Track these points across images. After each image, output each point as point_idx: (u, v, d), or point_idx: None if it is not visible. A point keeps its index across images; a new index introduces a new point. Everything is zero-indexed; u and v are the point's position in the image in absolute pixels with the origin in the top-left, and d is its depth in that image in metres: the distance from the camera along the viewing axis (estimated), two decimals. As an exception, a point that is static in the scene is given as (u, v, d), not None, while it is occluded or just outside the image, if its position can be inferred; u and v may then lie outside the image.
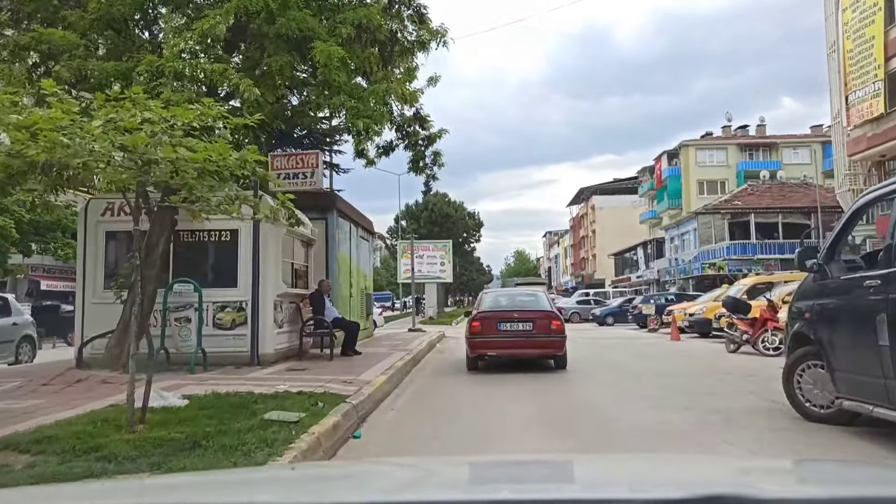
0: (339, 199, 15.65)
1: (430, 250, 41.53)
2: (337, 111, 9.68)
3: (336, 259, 14.79)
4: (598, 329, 29.33)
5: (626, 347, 17.05)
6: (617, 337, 22.36)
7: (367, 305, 19.47)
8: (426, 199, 49.79)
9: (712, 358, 13.90)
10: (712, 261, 39.73)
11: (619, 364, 13.00)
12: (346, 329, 12.11)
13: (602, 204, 75.43)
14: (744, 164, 55.30)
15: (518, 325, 11.49)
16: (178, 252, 10.44)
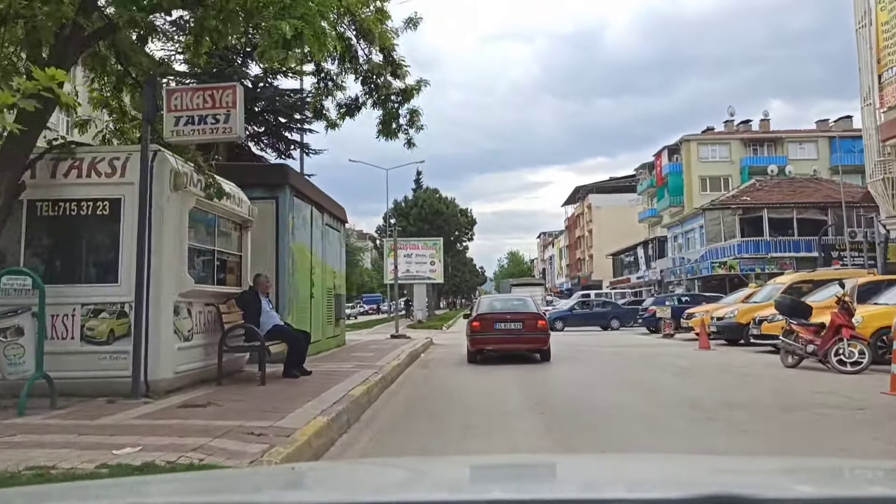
0: (294, 174, 12.32)
1: (419, 249, 38.22)
2: (256, 17, 6.31)
3: (289, 250, 11.46)
4: (608, 334, 26.06)
5: (654, 361, 13.75)
6: (634, 345, 19.07)
7: (338, 309, 16.13)
8: (416, 195, 46.36)
9: (772, 377, 10.60)
10: (722, 259, 36.53)
11: (665, 389, 9.67)
12: (288, 341, 8.76)
13: (599, 203, 72.27)
14: (748, 159, 52.22)
15: (511, 324, 13.55)
16: (31, 231, 7.11)
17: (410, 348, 15.95)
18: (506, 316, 13.78)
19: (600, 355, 15.34)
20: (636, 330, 28.47)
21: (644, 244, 54.46)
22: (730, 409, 7.37)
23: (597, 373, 11.58)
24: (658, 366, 12.68)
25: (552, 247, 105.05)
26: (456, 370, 12.84)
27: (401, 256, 38.39)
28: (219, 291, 8.54)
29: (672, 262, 45.61)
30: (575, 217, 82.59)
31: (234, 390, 7.74)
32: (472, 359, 13.73)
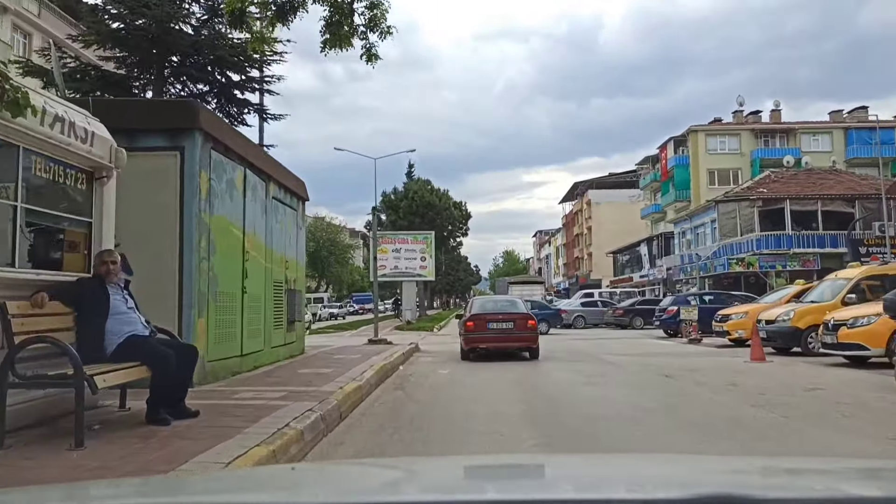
0: (208, 115, 8.65)
1: (407, 243, 34.59)
2: None
3: (199, 223, 7.89)
4: (622, 338, 22.53)
5: (705, 379, 10.19)
6: (663, 354, 15.52)
7: (291, 309, 12.59)
8: (406, 186, 42.69)
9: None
10: (739, 255, 33.06)
11: (771, 436, 6.13)
12: (151, 362, 5.14)
13: (599, 199, 68.79)
14: (759, 151, 48.84)
15: (503, 324, 14.17)
16: None
17: (386, 359, 12.43)
18: (498, 316, 14.41)
19: (635, 370, 11.81)
20: (651, 333, 24.97)
21: (648, 241, 51.01)
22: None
23: (647, 400, 8.03)
24: (716, 387, 9.14)
25: (549, 245, 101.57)
26: (442, 392, 9.29)
27: (388, 252, 34.84)
28: (21, 279, 4.93)
29: (680, 259, 42.16)
30: (573, 214, 79.11)
31: (15, 462, 4.15)
32: (466, 356, 14.35)
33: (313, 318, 47.66)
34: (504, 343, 14.15)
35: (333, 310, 55.59)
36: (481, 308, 15.24)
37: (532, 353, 14.13)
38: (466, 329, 14.38)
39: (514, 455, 4.33)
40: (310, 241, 71.22)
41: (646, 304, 30.09)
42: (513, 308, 15.04)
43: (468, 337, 14.28)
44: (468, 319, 14.49)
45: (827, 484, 1.56)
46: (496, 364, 13.06)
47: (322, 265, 68.23)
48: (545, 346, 15.79)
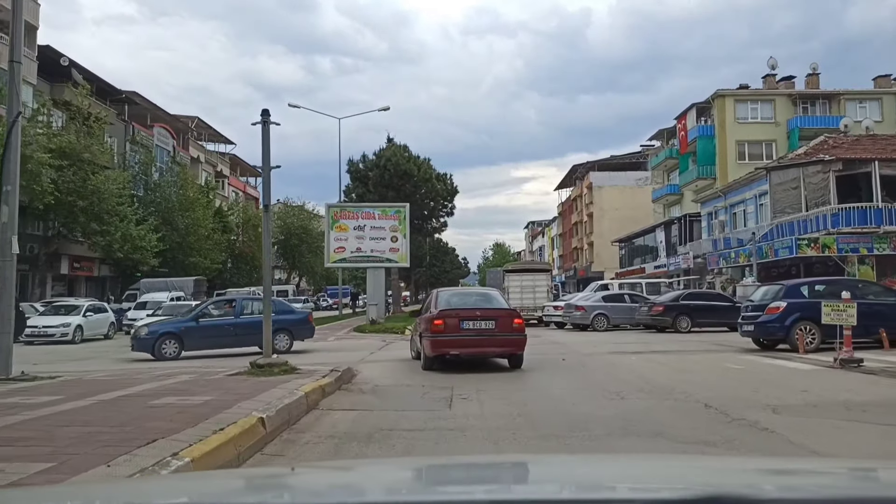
0: None
1: (374, 218, 26.22)
2: None
3: None
4: (686, 350, 14.18)
5: None
6: (843, 402, 7.18)
7: None
8: (379, 153, 34.09)
9: None
10: (810, 235, 24.80)
11: None
12: None
13: (601, 182, 60.49)
14: (797, 120, 40.69)
15: (481, 323, 10.71)
16: None
17: (239, 429, 4.03)
18: (475, 313, 10.87)
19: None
20: (713, 339, 16.78)
21: (665, 226, 42.85)
22: None
23: None
24: None
25: (542, 237, 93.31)
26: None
27: (348, 229, 26.48)
28: None
29: (713, 244, 33.94)
30: (571, 201, 70.84)
31: None
32: (430, 365, 10.87)
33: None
34: (483, 349, 10.95)
35: (297, 304, 47.03)
36: (451, 302, 11.50)
37: (514, 362, 10.99)
38: (433, 329, 10.80)
39: (516, 455, 4.27)
40: (279, 228, 63.13)
41: (694, 297, 21.83)
42: (492, 303, 11.72)
43: (435, 340, 10.79)
44: (435, 317, 10.85)
45: (827, 484, 1.54)
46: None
47: (293, 254, 59.61)
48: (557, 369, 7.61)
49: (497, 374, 10.48)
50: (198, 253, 39.48)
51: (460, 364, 10.99)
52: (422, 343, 11.06)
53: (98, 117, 32.27)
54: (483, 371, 10.67)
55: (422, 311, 12.76)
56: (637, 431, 5.79)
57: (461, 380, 9.35)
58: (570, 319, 23.44)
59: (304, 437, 5.68)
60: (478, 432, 5.84)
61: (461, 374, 10.23)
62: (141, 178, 39.74)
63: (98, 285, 39.12)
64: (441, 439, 5.58)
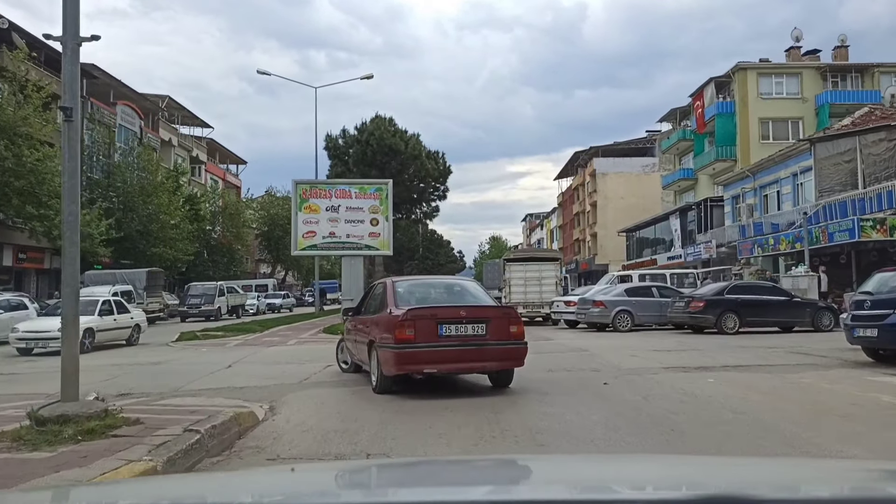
0: None
1: (350, 198, 21.75)
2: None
3: None
4: (768, 364, 9.80)
5: None
6: None
7: None
8: (361, 128, 29.53)
9: None
10: (874, 215, 20.42)
11: None
12: None
13: (605, 168, 56.07)
14: (827, 95, 36.34)
15: (467, 327, 7.33)
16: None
17: None
18: (460, 313, 7.48)
19: None
20: (784, 345, 12.52)
21: (681, 212, 38.49)
22: None
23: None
24: None
25: (541, 229, 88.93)
26: None
27: (320, 210, 22.07)
28: None
29: (740, 230, 29.60)
30: (572, 190, 66.42)
31: None
32: (388, 387, 7.42)
33: (241, 311, 35.00)
34: (470, 363, 7.40)
35: (276, 300, 42.70)
36: (419, 297, 7.92)
37: (502, 379, 7.78)
38: (398, 337, 7.09)
39: (518, 455, 3.95)
40: (262, 219, 58.71)
41: (742, 291, 17.45)
42: (477, 298, 8.18)
43: (402, 352, 7.08)
44: (402, 319, 7.09)
45: (827, 484, 1.52)
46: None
47: (277, 246, 55.06)
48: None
49: (500, 401, 6.24)
50: (162, 243, 35.02)
51: (435, 384, 7.81)
52: (373, 355, 7.77)
53: (38, 86, 27.76)
54: (473, 395, 7.12)
55: (362, 308, 9.19)
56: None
57: (447, 422, 5.16)
58: (586, 317, 19.12)
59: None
60: None
61: (440, 399, 6.99)
62: (99, 159, 35.25)
63: (52, 279, 34.76)
64: None
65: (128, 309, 15.70)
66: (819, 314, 16.97)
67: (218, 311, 30.78)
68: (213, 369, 11.12)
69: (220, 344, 16.69)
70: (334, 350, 10.62)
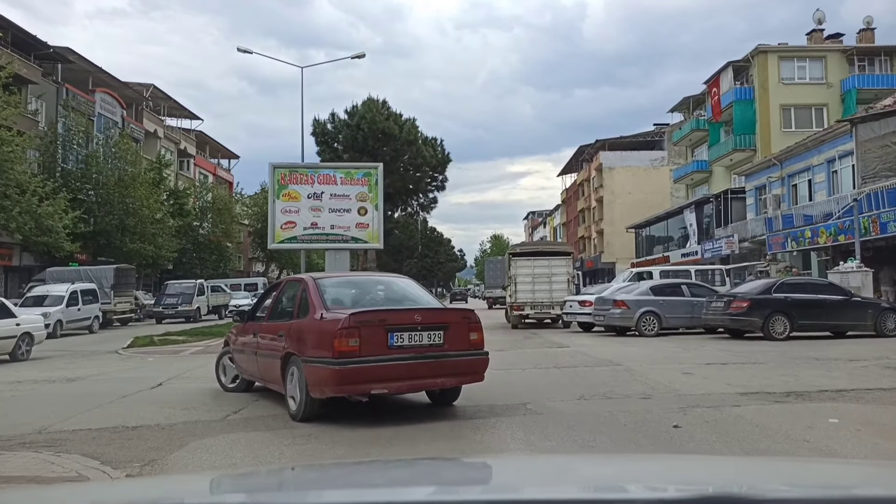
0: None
1: (335, 184, 18.99)
2: None
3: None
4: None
5: None
6: None
7: None
8: (351, 111, 26.75)
9: None
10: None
11: None
12: None
13: (612, 162, 53.30)
14: (853, 80, 33.57)
15: (423, 335, 5.94)
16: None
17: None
18: (414, 317, 6.01)
19: None
20: (843, 347, 9.80)
21: (697, 206, 35.72)
22: None
23: None
24: None
25: (543, 227, 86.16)
26: None
27: (300, 198, 19.35)
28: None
29: (766, 223, 26.83)
30: (577, 186, 63.64)
31: None
32: (314, 412, 5.96)
33: (223, 311, 32.28)
34: (425, 380, 6.05)
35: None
36: (352, 297, 6.67)
37: (449, 395, 6.55)
38: (339, 348, 5.61)
39: (519, 455, 3.97)
40: (256, 215, 55.97)
41: (792, 289, 14.68)
42: (422, 298, 6.80)
43: (344, 369, 5.59)
44: (343, 326, 5.64)
45: (827, 484, 1.49)
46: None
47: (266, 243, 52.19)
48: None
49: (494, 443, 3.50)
50: (141, 238, 32.31)
51: (369, 404, 6.29)
52: (291, 373, 6.23)
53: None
54: (425, 419, 6.04)
55: (257, 312, 7.73)
56: None
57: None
58: (605, 320, 16.38)
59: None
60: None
61: (383, 426, 5.78)
62: (73, 148, 32.55)
63: (22, 276, 32.08)
64: None
65: (13, 314, 12.74)
66: (883, 316, 14.25)
67: (197, 311, 28.05)
68: (137, 389, 8.44)
69: (176, 352, 13.99)
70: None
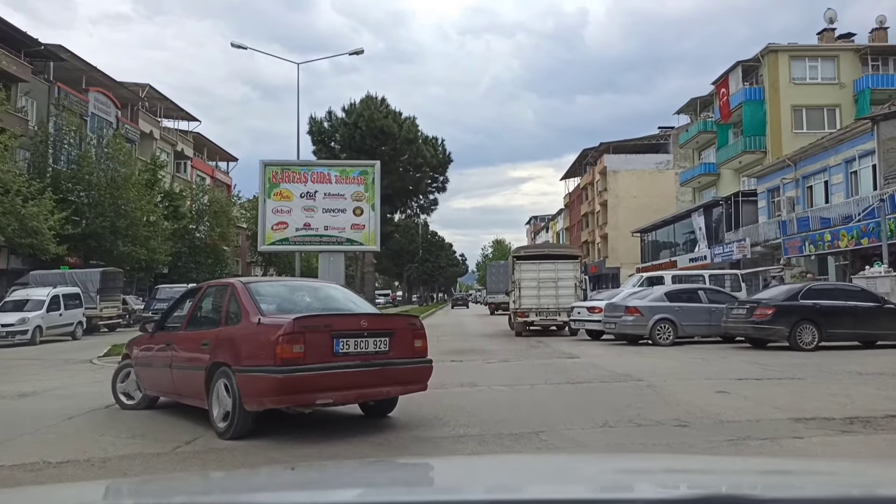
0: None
1: (329, 182, 17.86)
2: None
3: None
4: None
5: None
6: None
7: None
8: (349, 109, 25.67)
9: None
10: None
11: None
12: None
13: (617, 165, 52.17)
14: (867, 80, 32.48)
15: (369, 341, 5.71)
16: None
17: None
18: (360, 323, 5.80)
19: None
20: (884, 360, 8.67)
21: (705, 209, 34.58)
22: None
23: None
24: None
25: (546, 231, 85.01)
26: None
27: (293, 197, 18.27)
28: None
29: (780, 227, 25.72)
30: (580, 189, 62.53)
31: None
32: (248, 429, 5.58)
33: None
34: (373, 389, 5.80)
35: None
36: (287, 303, 6.23)
37: (385, 406, 6.36)
38: (282, 355, 5.31)
39: (520, 455, 3.99)
40: (254, 217, 54.96)
41: (820, 295, 13.53)
42: (359, 304, 6.76)
43: (287, 378, 5.29)
44: (285, 333, 5.33)
45: (826, 484, 1.48)
46: None
47: (269, 248, 51.11)
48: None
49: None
50: (132, 241, 31.26)
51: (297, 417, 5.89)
52: (218, 385, 5.67)
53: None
54: (364, 432, 5.75)
55: (166, 321, 7.21)
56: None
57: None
58: (616, 327, 15.25)
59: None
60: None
61: (318, 444, 5.33)
62: (64, 148, 31.54)
63: (10, 279, 31.05)
64: None
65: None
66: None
67: (188, 316, 26.94)
68: (90, 407, 7.36)
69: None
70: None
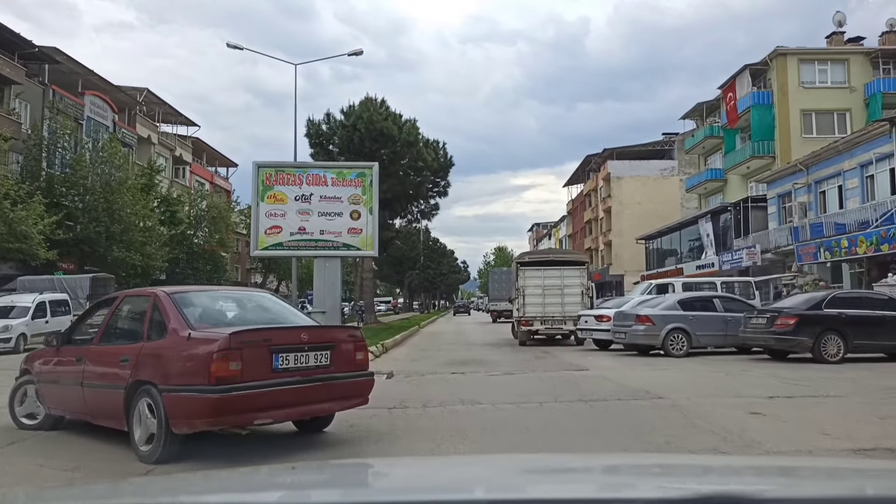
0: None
1: (325, 185, 17.00)
2: None
3: None
4: None
5: None
6: None
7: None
8: (348, 111, 24.90)
9: None
10: None
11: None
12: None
13: (621, 172, 51.39)
14: (878, 83, 31.70)
15: (310, 355, 5.31)
16: None
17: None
18: (300, 335, 5.37)
19: None
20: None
21: (713, 215, 33.73)
22: None
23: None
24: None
25: (549, 238, 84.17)
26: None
27: (287, 200, 17.46)
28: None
29: (792, 233, 24.86)
30: (584, 196, 61.73)
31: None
32: (174, 453, 4.97)
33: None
34: (314, 405, 5.46)
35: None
36: (216, 314, 5.77)
37: (322, 421, 5.97)
38: (216, 373, 4.75)
39: (520, 455, 3.77)
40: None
41: (845, 304, 12.67)
42: (301, 317, 6.37)
43: (223, 398, 4.74)
44: (226, 347, 4.78)
45: (826, 484, 1.47)
46: None
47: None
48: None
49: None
50: (127, 247, 30.50)
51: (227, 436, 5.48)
52: (141, 405, 5.07)
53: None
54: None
55: (74, 335, 6.46)
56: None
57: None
58: (626, 337, 14.41)
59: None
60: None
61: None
62: (57, 151, 30.84)
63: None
64: None
65: None
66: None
67: (182, 324, 26.18)
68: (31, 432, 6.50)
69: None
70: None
